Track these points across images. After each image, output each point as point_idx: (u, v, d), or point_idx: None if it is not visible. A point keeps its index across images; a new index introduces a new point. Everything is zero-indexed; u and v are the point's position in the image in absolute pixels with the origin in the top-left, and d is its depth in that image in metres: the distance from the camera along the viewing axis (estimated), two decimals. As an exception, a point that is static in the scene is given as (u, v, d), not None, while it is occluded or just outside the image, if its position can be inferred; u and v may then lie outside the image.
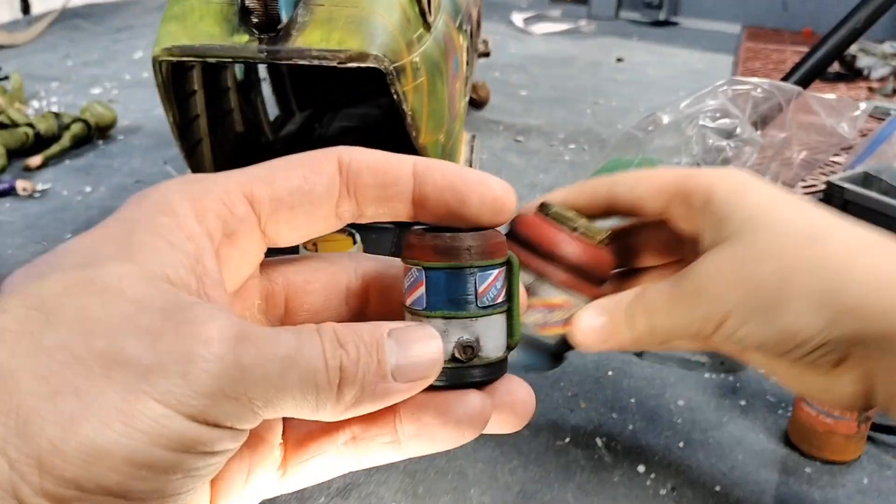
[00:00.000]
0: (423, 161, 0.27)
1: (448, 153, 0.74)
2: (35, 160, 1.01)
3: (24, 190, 0.93)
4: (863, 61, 1.43)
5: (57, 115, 1.08)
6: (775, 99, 0.76)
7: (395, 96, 0.59)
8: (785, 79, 0.89)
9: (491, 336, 0.35)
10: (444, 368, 0.33)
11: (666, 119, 0.73)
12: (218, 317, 0.21)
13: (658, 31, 1.95)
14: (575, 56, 1.68)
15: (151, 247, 0.22)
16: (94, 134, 1.11)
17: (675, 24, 2.01)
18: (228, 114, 0.84)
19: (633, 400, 0.61)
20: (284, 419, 0.28)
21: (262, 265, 0.28)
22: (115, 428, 0.19)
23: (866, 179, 0.85)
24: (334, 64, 0.58)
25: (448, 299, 0.34)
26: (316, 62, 0.57)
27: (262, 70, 1.01)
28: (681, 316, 0.37)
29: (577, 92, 1.42)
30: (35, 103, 1.27)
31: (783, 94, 0.76)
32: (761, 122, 0.77)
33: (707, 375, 0.64)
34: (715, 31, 1.95)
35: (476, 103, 1.27)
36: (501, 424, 0.28)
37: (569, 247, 0.41)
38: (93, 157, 1.07)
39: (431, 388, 0.29)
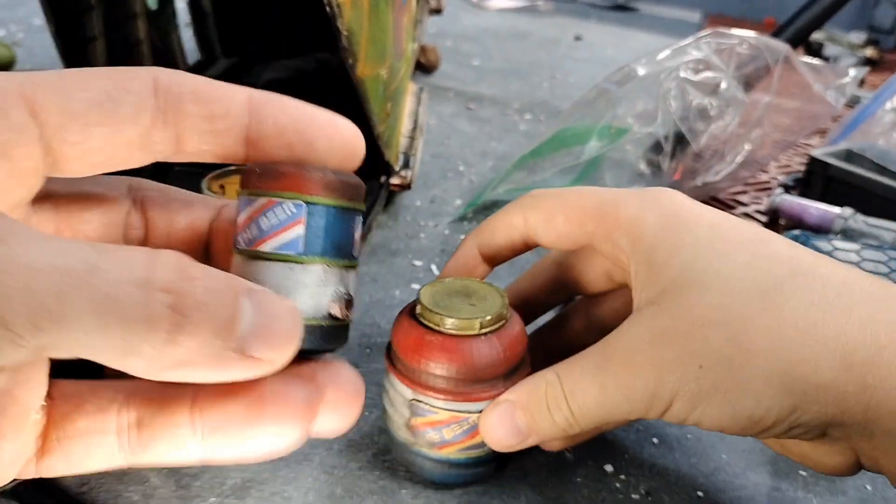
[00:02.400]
0: (260, 93, 0.24)
1: (392, 96, 0.64)
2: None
3: None
4: (829, 50, 1.37)
5: (-58, 49, 0.93)
6: (762, 58, 0.68)
7: (326, 8, 0.48)
8: (775, 35, 0.81)
9: (355, 293, 0.30)
10: (315, 327, 0.28)
11: (641, 71, 0.64)
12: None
13: (617, 14, 1.87)
14: (531, 32, 1.59)
15: None
16: (-12, 74, 0.97)
17: (634, 9, 1.94)
18: (135, 46, 0.72)
19: (597, 387, 0.51)
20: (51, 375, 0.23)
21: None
22: None
23: (849, 156, 0.77)
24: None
25: (332, 242, 0.29)
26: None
27: (182, 10, 0.89)
28: (614, 403, 0.31)
29: (533, 66, 1.33)
30: (-75, 41, 1.12)
31: (771, 53, 0.68)
32: (745, 84, 0.68)
33: (682, 362, 0.55)
34: (675, 18, 1.89)
35: (425, 67, 1.17)
36: (324, 425, 0.24)
37: (434, 354, 0.37)
38: (-16, 99, 0.93)
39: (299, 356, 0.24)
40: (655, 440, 0.47)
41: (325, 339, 0.29)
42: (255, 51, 0.96)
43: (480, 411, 0.38)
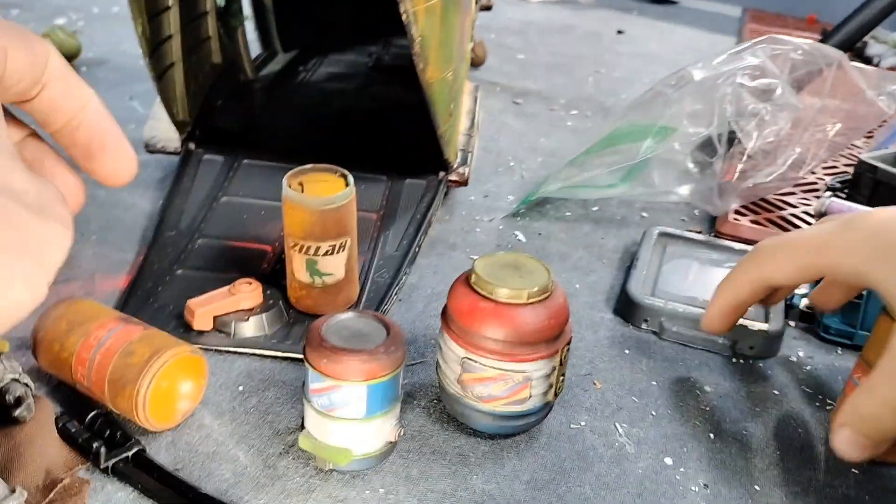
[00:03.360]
0: (95, 104, 0.30)
1: (454, 97, 0.66)
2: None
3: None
4: (872, 49, 1.37)
5: (12, 39, 0.97)
6: (815, 64, 0.69)
7: (403, 16, 0.51)
8: (823, 40, 0.82)
9: (400, 416, 0.44)
10: (378, 456, 0.43)
11: (698, 75, 0.66)
12: None
13: (658, 8, 1.87)
14: (574, 25, 1.59)
15: None
16: (54, 63, 1.01)
17: (674, 2, 1.94)
18: (205, 41, 0.75)
19: (654, 383, 0.54)
20: None
21: None
22: None
23: (898, 160, 0.78)
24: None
25: (387, 400, 0.42)
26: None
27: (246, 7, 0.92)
28: None
29: (577, 60, 1.34)
30: (-10, 29, 1.16)
31: (825, 58, 0.69)
32: (797, 88, 0.69)
33: (734, 360, 0.57)
34: (716, 12, 1.88)
35: (472, 62, 1.19)
36: None
37: (486, 319, 0.43)
38: (50, 87, 0.97)
39: None
40: (712, 435, 0.49)
41: (384, 458, 0.43)
42: (312, 45, 0.98)
43: (524, 371, 0.43)
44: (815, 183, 0.84)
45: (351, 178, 0.53)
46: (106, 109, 0.30)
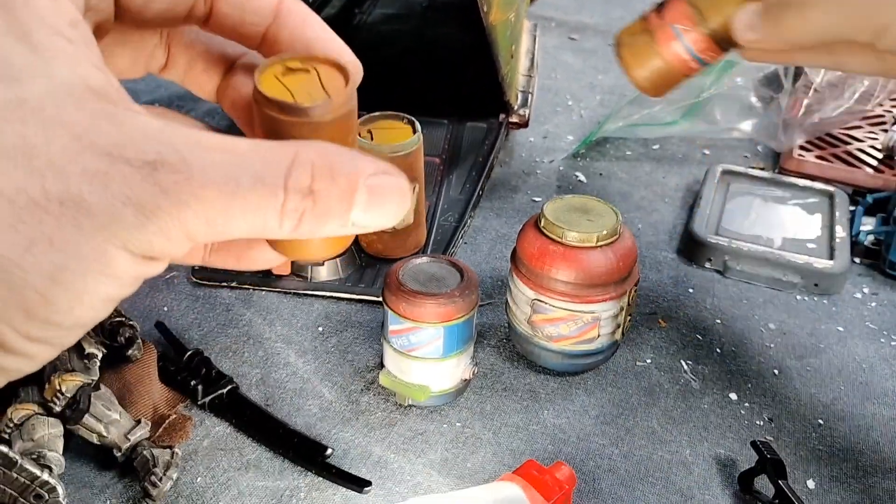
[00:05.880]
0: (290, 2, 0.26)
1: (514, 38, 0.66)
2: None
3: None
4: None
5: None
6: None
7: (469, -39, 0.51)
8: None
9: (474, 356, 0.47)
10: (453, 392, 0.46)
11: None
12: (163, 150, 0.20)
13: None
14: (628, -46, 1.55)
15: (58, 51, 0.21)
16: None
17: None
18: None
19: (718, 321, 0.55)
20: None
21: None
22: (94, 277, 0.20)
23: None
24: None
25: (462, 340, 0.44)
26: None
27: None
28: (835, 15, 0.33)
29: (632, -9, 1.32)
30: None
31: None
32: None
33: (799, 297, 0.57)
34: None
35: (527, -3, 1.17)
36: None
37: (556, 262, 0.44)
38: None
39: None
40: (776, 371, 0.50)
41: (459, 394, 0.46)
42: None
43: (593, 312, 0.45)
44: (883, 116, 0.82)
45: (418, 125, 0.54)
46: (305, 10, 0.26)
